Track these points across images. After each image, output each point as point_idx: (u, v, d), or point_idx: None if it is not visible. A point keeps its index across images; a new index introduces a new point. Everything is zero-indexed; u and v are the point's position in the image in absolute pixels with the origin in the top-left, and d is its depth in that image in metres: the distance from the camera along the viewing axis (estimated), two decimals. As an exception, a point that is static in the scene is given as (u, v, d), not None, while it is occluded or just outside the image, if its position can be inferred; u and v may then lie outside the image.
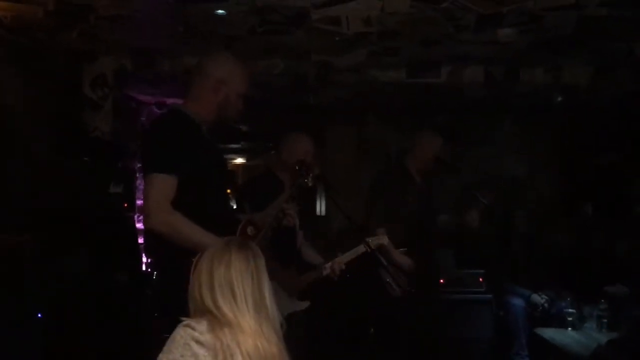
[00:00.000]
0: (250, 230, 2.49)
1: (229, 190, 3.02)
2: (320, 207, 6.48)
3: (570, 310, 4.15)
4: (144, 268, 4.99)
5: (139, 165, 5.56)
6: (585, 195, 5.45)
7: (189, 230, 2.24)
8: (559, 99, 5.15)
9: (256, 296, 1.70)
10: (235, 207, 3.42)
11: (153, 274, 4.62)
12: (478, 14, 3.58)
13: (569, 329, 4.06)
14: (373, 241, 3.29)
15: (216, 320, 1.65)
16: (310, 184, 3.08)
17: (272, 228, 2.66)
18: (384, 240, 3.43)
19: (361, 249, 3.30)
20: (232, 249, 1.75)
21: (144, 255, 5.05)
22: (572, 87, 4.97)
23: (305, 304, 3.29)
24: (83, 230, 3.99)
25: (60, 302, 3.64)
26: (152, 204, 2.24)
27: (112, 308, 3.99)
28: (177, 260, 2.20)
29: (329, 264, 3.25)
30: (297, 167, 3.04)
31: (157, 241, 2.30)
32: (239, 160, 7.34)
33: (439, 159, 4.16)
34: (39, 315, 3.47)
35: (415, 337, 3.98)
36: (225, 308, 1.66)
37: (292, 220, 2.81)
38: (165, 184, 2.25)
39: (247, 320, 1.66)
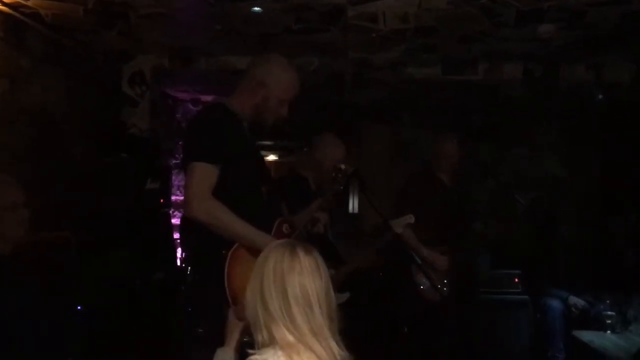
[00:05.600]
0: (285, 228, 2.47)
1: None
2: (353, 206, 6.46)
3: (609, 312, 4.06)
4: (178, 263, 5.05)
5: (174, 161, 5.63)
6: (627, 196, 5.31)
7: (230, 220, 2.22)
8: (601, 96, 5.03)
9: (331, 306, 1.52)
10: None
11: (187, 269, 4.69)
12: (518, 10, 3.52)
13: (608, 331, 3.98)
14: (401, 222, 3.35)
15: (291, 346, 1.45)
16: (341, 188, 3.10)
17: (307, 231, 2.65)
18: (411, 219, 3.44)
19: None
20: (299, 254, 1.54)
21: (179, 250, 5.12)
22: (614, 85, 4.85)
23: (345, 296, 3.29)
24: (120, 226, 4.06)
25: (97, 296, 3.71)
26: (194, 191, 2.22)
27: (148, 302, 4.04)
28: (210, 255, 2.23)
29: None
30: (333, 174, 3.05)
31: (191, 235, 2.32)
32: (272, 158, 7.36)
33: (475, 159, 4.14)
34: (78, 307, 3.55)
35: (449, 338, 3.95)
36: (304, 325, 1.46)
37: (321, 228, 2.77)
38: (207, 173, 2.23)
39: (325, 338, 1.47)
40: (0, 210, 2.45)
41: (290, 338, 1.46)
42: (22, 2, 3.54)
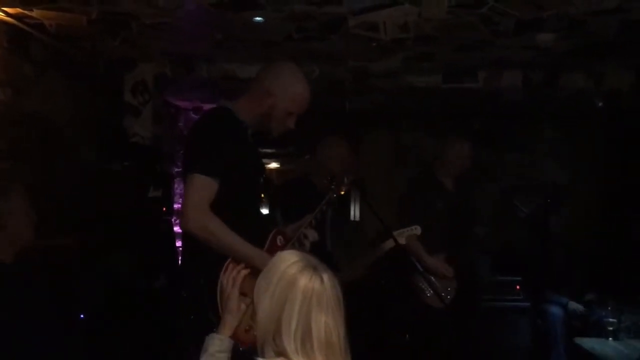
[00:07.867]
0: (279, 240, 2.45)
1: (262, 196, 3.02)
2: (354, 212, 6.46)
3: (610, 319, 4.06)
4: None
5: (176, 169, 5.65)
6: (627, 202, 5.32)
7: (225, 236, 2.18)
8: (600, 104, 5.06)
9: (347, 341, 1.43)
10: (267, 213, 3.43)
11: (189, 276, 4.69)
12: (517, 19, 3.54)
13: (610, 338, 3.98)
14: (405, 233, 3.39)
15: None
16: (342, 192, 3.08)
17: (300, 242, 2.60)
18: (417, 231, 3.48)
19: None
20: (327, 286, 1.41)
21: (181, 258, 5.14)
22: (613, 92, 4.87)
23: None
24: (123, 233, 4.08)
25: (100, 304, 3.73)
26: (190, 205, 2.17)
27: (150, 309, 4.06)
28: (212, 263, 2.20)
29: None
30: (329, 179, 3.01)
31: (193, 244, 2.28)
32: (273, 165, 7.37)
33: (475, 165, 4.15)
34: (81, 316, 3.56)
35: (450, 345, 3.96)
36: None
37: (308, 246, 2.65)
38: (206, 187, 2.18)
39: None
40: (18, 217, 2.56)
41: None
42: (26, 12, 3.56)
